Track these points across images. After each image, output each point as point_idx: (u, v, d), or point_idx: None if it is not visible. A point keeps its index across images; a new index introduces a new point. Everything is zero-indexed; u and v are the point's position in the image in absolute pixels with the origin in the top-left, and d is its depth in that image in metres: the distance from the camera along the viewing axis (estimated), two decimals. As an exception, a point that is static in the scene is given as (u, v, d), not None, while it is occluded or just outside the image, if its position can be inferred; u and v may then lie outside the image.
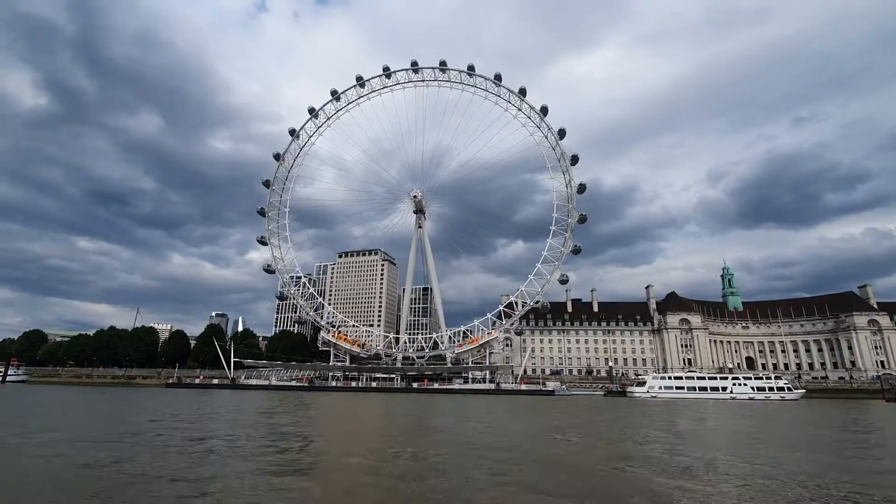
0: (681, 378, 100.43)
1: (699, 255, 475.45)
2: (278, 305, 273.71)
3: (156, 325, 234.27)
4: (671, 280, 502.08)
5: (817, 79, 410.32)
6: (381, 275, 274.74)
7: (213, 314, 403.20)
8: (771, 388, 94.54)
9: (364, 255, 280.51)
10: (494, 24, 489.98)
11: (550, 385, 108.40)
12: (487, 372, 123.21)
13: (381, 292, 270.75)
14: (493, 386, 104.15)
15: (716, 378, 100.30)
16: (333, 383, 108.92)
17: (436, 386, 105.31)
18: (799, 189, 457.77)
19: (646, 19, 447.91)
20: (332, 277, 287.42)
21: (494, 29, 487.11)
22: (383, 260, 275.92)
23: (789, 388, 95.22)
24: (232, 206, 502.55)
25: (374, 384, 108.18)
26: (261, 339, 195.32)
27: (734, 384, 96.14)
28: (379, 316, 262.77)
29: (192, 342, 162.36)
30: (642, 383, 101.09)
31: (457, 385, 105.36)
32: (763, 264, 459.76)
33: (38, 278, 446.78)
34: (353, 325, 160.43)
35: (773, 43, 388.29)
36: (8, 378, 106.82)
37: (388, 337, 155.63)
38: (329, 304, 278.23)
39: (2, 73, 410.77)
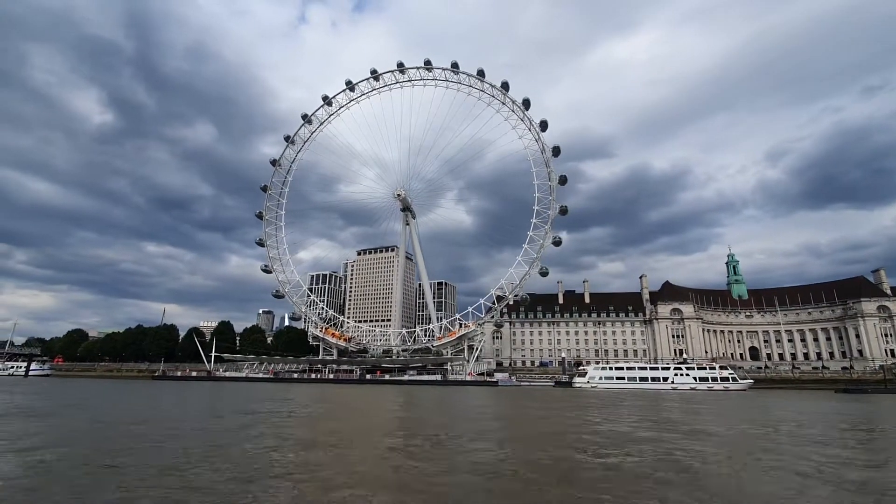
0: (622, 368, 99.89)
1: (760, 240, 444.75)
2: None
3: (208, 323, 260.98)
4: (724, 268, 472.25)
5: (887, 44, 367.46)
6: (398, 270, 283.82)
7: (260, 311, 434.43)
8: (714, 379, 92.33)
9: (381, 251, 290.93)
10: (530, 14, 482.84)
11: (498, 376, 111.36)
12: (465, 362, 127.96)
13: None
14: (440, 377, 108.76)
15: (657, 368, 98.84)
16: (295, 375, 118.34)
17: (387, 377, 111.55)
18: (871, 164, 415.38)
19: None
20: (351, 274, 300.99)
21: (530, 19, 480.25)
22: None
23: (734, 379, 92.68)
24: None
25: (331, 376, 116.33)
26: (273, 334, 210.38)
27: (676, 375, 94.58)
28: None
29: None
30: (584, 374, 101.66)
31: (406, 377, 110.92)
32: (831, 248, 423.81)
33: (112, 281, 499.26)
34: (344, 321, 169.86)
35: (836, 8, 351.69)
36: (31, 372, 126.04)
37: (373, 331, 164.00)
38: (350, 300, 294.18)
39: (72, 93, 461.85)
